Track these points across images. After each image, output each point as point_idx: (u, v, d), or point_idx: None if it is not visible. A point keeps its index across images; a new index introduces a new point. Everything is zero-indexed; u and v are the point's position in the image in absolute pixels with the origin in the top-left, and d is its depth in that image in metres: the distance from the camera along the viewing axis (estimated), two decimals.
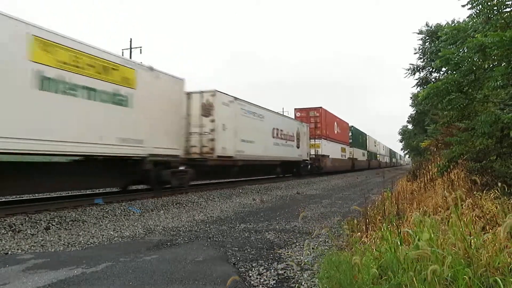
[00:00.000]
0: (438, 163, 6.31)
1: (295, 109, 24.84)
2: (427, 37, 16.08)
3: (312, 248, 4.14)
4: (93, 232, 5.32)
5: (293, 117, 23.87)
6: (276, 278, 3.15)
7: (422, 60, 16.39)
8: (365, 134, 40.80)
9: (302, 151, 20.91)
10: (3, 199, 7.06)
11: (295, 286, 2.96)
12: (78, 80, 7.15)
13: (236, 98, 13.52)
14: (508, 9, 4.83)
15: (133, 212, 7.21)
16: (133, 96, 8.49)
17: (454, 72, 5.52)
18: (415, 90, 19.15)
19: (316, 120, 24.25)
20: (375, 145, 48.35)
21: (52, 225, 5.69)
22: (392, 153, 72.93)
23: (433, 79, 15.32)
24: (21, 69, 6.18)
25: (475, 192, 4.60)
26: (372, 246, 3.10)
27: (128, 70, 8.46)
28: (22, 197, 7.98)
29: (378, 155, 49.36)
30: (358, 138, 36.42)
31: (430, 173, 8.32)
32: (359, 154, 36.28)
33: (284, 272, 3.32)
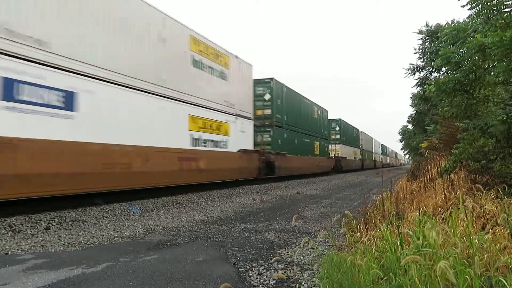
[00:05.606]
0: (446, 163, 6.31)
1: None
2: (427, 37, 16.09)
3: (312, 248, 4.14)
4: (93, 232, 5.32)
5: None
6: (276, 278, 3.15)
7: (422, 60, 16.41)
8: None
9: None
10: (3, 199, 7.05)
11: (295, 286, 2.96)
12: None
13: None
14: (507, 9, 4.83)
15: (133, 212, 7.21)
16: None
17: (454, 72, 5.53)
18: (415, 90, 19.18)
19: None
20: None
21: (52, 225, 5.69)
22: (360, 139, 39.04)
23: (433, 79, 15.33)
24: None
25: (475, 192, 4.60)
26: (372, 246, 3.10)
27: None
28: (22, 197, 7.97)
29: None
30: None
31: (430, 173, 8.32)
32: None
33: (284, 272, 3.32)
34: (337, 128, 31.11)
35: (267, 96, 16.70)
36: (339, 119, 31.53)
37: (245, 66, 14.02)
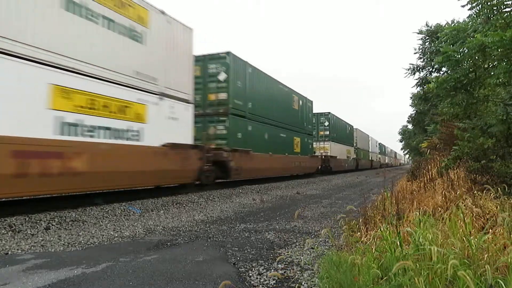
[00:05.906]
0: (444, 159, 6.33)
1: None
2: (427, 37, 16.09)
3: (312, 248, 4.14)
4: (93, 232, 5.33)
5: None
6: (276, 278, 3.16)
7: (422, 60, 16.41)
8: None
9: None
10: (3, 199, 7.06)
11: (295, 286, 2.96)
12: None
13: None
14: (507, 9, 4.83)
15: (133, 212, 7.21)
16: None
17: (454, 71, 5.53)
18: (415, 90, 19.20)
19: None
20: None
21: (52, 225, 5.69)
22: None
23: (433, 79, 15.33)
24: None
25: (475, 192, 4.60)
26: (372, 246, 3.10)
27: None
28: (22, 197, 7.98)
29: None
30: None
31: (430, 173, 8.32)
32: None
33: (284, 272, 3.33)
34: (326, 123, 27.35)
35: (222, 76, 12.83)
36: (329, 113, 27.54)
37: (180, 29, 10.11)
